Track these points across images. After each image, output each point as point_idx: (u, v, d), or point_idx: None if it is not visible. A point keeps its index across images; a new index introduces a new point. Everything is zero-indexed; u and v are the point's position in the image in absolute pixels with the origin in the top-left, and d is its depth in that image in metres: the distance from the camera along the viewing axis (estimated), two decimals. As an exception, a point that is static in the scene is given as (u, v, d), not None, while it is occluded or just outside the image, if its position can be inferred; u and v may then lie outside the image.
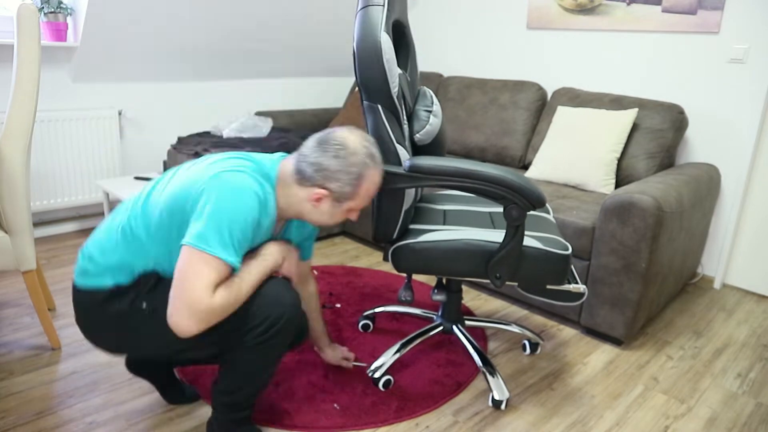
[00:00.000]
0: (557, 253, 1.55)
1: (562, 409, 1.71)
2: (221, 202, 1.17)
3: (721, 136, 2.56)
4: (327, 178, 1.26)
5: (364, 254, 2.88)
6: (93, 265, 1.30)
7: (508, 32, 3.25)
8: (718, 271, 2.67)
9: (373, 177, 1.31)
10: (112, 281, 1.28)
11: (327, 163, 1.25)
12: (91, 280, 1.30)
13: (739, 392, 1.84)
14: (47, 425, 1.52)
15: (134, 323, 1.29)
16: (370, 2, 1.47)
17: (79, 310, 1.34)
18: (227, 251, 1.17)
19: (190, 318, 1.14)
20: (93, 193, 2.96)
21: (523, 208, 1.46)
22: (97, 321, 1.32)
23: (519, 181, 1.44)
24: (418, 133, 1.67)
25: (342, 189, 1.27)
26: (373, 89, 1.47)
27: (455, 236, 1.60)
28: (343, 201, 1.30)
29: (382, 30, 1.44)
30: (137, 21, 2.69)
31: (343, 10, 3.38)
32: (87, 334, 1.36)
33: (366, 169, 1.28)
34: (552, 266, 1.55)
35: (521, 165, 2.95)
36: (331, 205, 1.31)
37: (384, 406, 1.65)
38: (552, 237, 1.63)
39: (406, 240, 1.61)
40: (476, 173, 1.45)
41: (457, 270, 1.60)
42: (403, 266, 1.63)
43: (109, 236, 1.30)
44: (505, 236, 1.51)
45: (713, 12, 2.48)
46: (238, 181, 1.20)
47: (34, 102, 1.70)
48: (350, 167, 1.26)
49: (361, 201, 1.33)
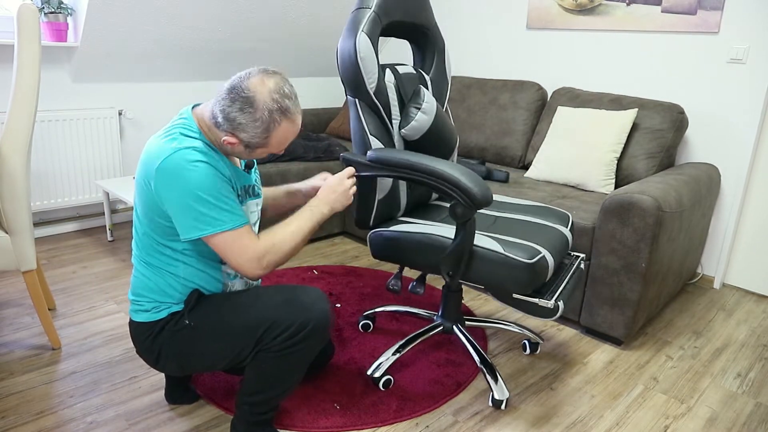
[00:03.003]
0: (514, 259, 1.50)
1: (562, 409, 1.71)
2: (181, 187, 1.21)
3: (720, 136, 2.56)
4: (235, 129, 1.26)
5: (364, 254, 2.88)
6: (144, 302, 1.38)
7: (508, 32, 3.25)
8: (717, 270, 2.67)
9: (284, 128, 1.27)
10: (167, 312, 1.37)
11: (233, 114, 1.24)
12: (146, 316, 1.38)
13: (739, 392, 1.84)
14: (47, 425, 1.53)
15: (185, 340, 1.36)
16: (361, 5, 1.62)
17: (136, 343, 1.42)
18: (227, 219, 1.24)
19: (258, 267, 1.28)
20: (93, 193, 2.96)
21: (467, 207, 1.45)
22: (153, 348, 1.39)
23: (460, 178, 1.43)
24: (403, 128, 1.71)
25: (251, 140, 1.27)
26: (351, 85, 1.62)
27: (420, 229, 1.64)
28: (254, 148, 1.30)
29: (361, 31, 1.56)
30: (137, 21, 2.69)
31: (342, 11, 3.39)
32: (150, 363, 1.43)
33: (274, 123, 1.25)
34: (510, 273, 1.51)
35: (521, 165, 2.96)
36: (244, 150, 1.30)
37: (384, 406, 1.65)
38: (525, 244, 1.57)
39: (380, 228, 1.69)
40: (420, 166, 1.49)
41: (417, 262, 1.65)
42: (375, 252, 1.72)
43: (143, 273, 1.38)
44: (455, 234, 1.53)
45: (713, 12, 2.48)
46: (176, 160, 1.22)
47: (34, 102, 1.70)
48: (256, 122, 1.24)
49: (275, 147, 1.31)
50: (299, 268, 2.64)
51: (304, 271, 2.61)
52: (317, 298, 1.34)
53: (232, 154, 1.34)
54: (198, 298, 1.36)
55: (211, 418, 1.59)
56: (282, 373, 1.35)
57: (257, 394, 1.37)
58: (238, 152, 1.32)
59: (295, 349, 1.31)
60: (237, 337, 1.32)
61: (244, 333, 1.31)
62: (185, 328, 1.34)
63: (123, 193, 2.62)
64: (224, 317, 1.33)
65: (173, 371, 1.43)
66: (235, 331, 1.32)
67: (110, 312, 2.16)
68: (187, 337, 1.34)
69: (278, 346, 1.30)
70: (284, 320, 1.29)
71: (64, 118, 2.77)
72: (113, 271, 2.53)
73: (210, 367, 1.40)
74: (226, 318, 1.33)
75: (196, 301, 1.36)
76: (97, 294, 2.31)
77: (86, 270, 2.53)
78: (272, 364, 1.32)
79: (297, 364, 1.35)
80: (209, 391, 1.68)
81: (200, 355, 1.36)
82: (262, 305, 1.33)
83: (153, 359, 1.40)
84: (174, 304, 1.36)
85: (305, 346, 1.32)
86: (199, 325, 1.33)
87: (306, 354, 1.34)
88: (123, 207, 3.19)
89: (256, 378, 1.35)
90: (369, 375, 1.76)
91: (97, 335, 1.99)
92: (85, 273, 2.50)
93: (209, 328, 1.33)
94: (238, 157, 1.37)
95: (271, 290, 1.37)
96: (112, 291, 2.34)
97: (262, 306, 1.32)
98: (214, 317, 1.34)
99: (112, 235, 2.90)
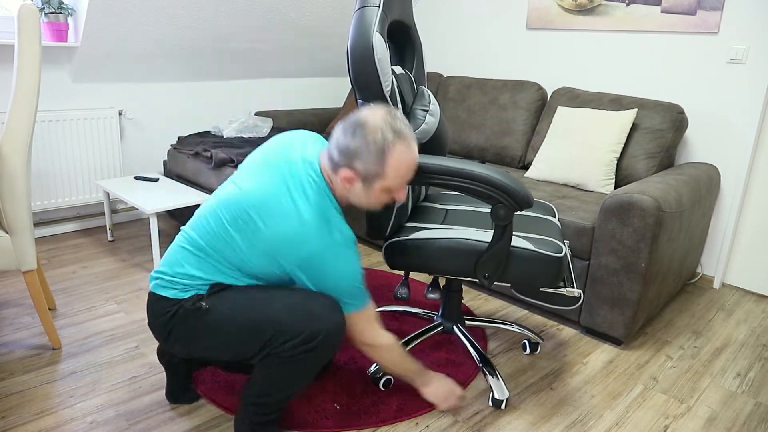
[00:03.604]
0: (548, 255, 1.54)
1: (561, 408, 1.71)
2: (333, 270, 1.29)
3: (720, 136, 2.56)
4: (351, 159, 1.26)
5: (364, 254, 2.88)
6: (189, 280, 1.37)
7: (508, 32, 3.25)
8: (717, 270, 2.68)
9: (400, 152, 1.27)
10: (193, 292, 1.36)
11: (348, 143, 1.25)
12: (173, 293, 1.37)
13: (739, 392, 1.84)
14: (48, 425, 1.53)
15: (197, 323, 1.34)
16: (366, 3, 1.50)
17: (152, 317, 1.40)
18: (361, 300, 1.37)
19: (364, 347, 1.45)
20: (93, 193, 2.96)
21: (510, 208, 1.45)
22: (168, 325, 1.38)
23: (505, 181, 1.43)
24: (414, 131, 1.68)
25: (367, 167, 1.26)
26: (365, 88, 1.49)
27: (447, 234, 1.60)
28: (372, 180, 1.29)
29: (374, 30, 1.45)
30: (137, 21, 2.69)
31: (342, 10, 3.39)
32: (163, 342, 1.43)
33: (388, 144, 1.25)
34: (543, 268, 1.54)
35: (521, 165, 2.96)
36: (362, 187, 1.30)
37: (384, 406, 1.66)
38: (546, 239, 1.62)
39: (399, 237, 1.62)
40: (463, 172, 1.46)
41: (446, 268, 1.61)
42: (395, 263, 1.64)
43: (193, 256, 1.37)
44: (493, 236, 1.52)
45: (713, 12, 2.48)
46: (326, 248, 1.27)
47: (34, 102, 1.70)
48: (370, 144, 1.24)
49: (393, 179, 1.30)
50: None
51: (304, 271, 2.61)
52: (331, 308, 1.31)
53: (352, 202, 1.36)
54: (224, 288, 1.35)
55: (212, 418, 1.59)
56: (290, 378, 1.34)
57: (263, 396, 1.37)
58: (357, 194, 1.32)
59: (305, 356, 1.30)
60: (245, 333, 1.31)
61: (253, 330, 1.30)
62: (200, 311, 1.32)
63: (123, 193, 2.62)
64: (238, 310, 1.31)
65: (180, 352, 1.42)
66: (245, 326, 1.30)
67: (110, 312, 2.16)
68: (200, 320, 1.32)
69: (288, 352, 1.29)
70: (295, 326, 1.28)
71: (64, 118, 2.77)
72: (113, 271, 2.53)
73: (215, 356, 1.39)
74: (239, 311, 1.31)
75: (220, 288, 1.34)
76: (98, 294, 2.31)
77: (86, 270, 2.54)
78: (280, 369, 1.32)
79: (305, 371, 1.35)
80: (209, 391, 1.68)
81: (207, 342, 1.35)
82: (277, 307, 1.31)
83: (164, 336, 1.38)
84: (202, 288, 1.34)
85: (315, 354, 1.31)
86: (213, 311, 1.31)
87: (315, 362, 1.33)
88: (123, 207, 3.19)
89: (264, 380, 1.35)
90: (369, 375, 1.76)
91: (98, 335, 1.99)
92: (85, 273, 2.50)
93: (222, 316, 1.31)
94: (360, 204, 1.36)
95: (288, 293, 1.35)
96: (112, 291, 2.34)
97: (276, 308, 1.31)
98: (228, 307, 1.32)
99: (113, 235, 2.90)
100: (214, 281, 1.33)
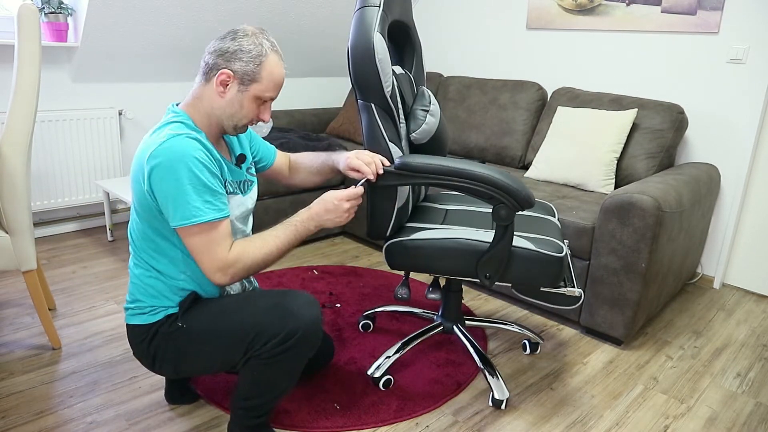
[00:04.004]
0: (549, 255, 1.54)
1: (561, 408, 1.71)
2: (171, 172, 1.20)
3: (720, 136, 2.56)
4: (229, 60, 1.27)
5: (364, 254, 2.88)
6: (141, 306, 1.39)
7: (508, 32, 3.25)
8: (717, 270, 2.68)
9: (275, 61, 1.30)
10: (163, 314, 1.37)
11: (225, 45, 1.27)
12: (143, 319, 1.38)
13: (739, 392, 1.84)
14: (48, 425, 1.53)
15: (178, 343, 1.36)
16: (366, 3, 1.50)
17: (133, 346, 1.42)
18: (210, 210, 1.23)
19: (222, 277, 1.27)
20: (93, 193, 2.96)
21: (512, 208, 1.45)
22: (149, 351, 1.39)
23: (506, 181, 1.43)
24: (414, 132, 1.68)
25: (245, 68, 1.27)
26: (366, 88, 1.50)
27: (447, 235, 1.60)
28: (248, 83, 1.29)
29: (375, 30, 1.46)
30: (137, 21, 2.69)
31: (342, 11, 3.38)
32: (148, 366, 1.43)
33: (265, 49, 1.28)
34: (544, 268, 1.54)
35: (521, 165, 2.96)
36: (237, 90, 1.29)
37: (384, 406, 1.66)
38: (547, 239, 1.62)
39: (399, 237, 1.62)
40: (464, 172, 1.45)
41: (447, 268, 1.60)
42: (395, 263, 1.64)
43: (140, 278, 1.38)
44: (494, 236, 1.52)
45: (713, 12, 2.48)
46: (169, 145, 1.21)
47: (34, 102, 1.70)
48: (248, 46, 1.27)
49: (266, 85, 1.30)
50: (299, 267, 2.64)
51: (304, 270, 2.61)
52: (306, 304, 1.32)
53: (219, 118, 1.32)
54: (193, 301, 1.36)
55: (211, 418, 1.59)
56: (274, 379, 1.34)
57: (251, 399, 1.37)
58: (229, 101, 1.29)
59: (285, 356, 1.30)
60: (226, 342, 1.32)
61: (233, 338, 1.31)
62: (178, 330, 1.34)
63: (123, 193, 2.62)
64: (214, 321, 1.33)
65: (170, 374, 1.43)
66: (224, 335, 1.31)
67: (110, 312, 2.16)
68: (180, 339, 1.34)
69: (268, 353, 1.29)
70: (272, 327, 1.28)
71: (64, 118, 2.77)
72: (113, 271, 2.53)
73: (204, 371, 1.40)
74: (215, 322, 1.33)
75: (190, 303, 1.36)
76: (97, 294, 2.31)
77: (86, 270, 2.54)
78: (263, 371, 1.32)
79: (289, 370, 1.35)
80: (209, 391, 1.68)
81: (193, 358, 1.36)
82: (251, 311, 1.32)
83: (150, 362, 1.40)
84: (171, 306, 1.36)
85: (295, 353, 1.31)
86: (191, 328, 1.34)
87: (297, 360, 1.33)
88: (123, 207, 3.19)
89: (249, 383, 1.35)
90: (369, 375, 1.76)
91: (97, 335, 1.99)
92: (85, 273, 2.50)
93: (200, 331, 1.33)
94: (231, 114, 1.32)
95: (261, 295, 1.37)
96: (112, 291, 2.34)
97: (251, 312, 1.32)
98: (204, 320, 1.34)
99: (112, 235, 2.90)
100: (163, 286, 1.35)
